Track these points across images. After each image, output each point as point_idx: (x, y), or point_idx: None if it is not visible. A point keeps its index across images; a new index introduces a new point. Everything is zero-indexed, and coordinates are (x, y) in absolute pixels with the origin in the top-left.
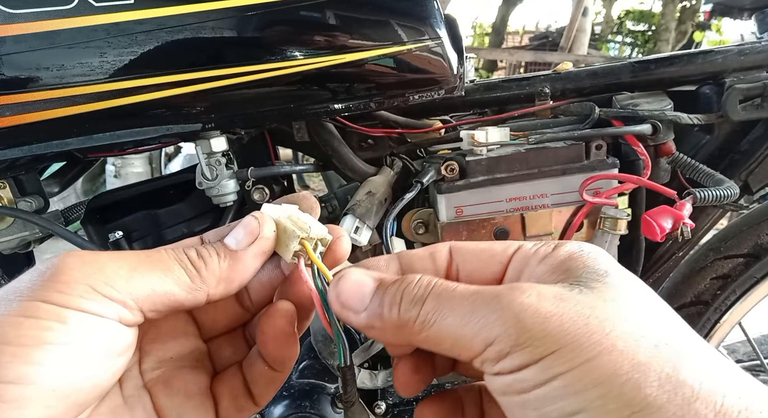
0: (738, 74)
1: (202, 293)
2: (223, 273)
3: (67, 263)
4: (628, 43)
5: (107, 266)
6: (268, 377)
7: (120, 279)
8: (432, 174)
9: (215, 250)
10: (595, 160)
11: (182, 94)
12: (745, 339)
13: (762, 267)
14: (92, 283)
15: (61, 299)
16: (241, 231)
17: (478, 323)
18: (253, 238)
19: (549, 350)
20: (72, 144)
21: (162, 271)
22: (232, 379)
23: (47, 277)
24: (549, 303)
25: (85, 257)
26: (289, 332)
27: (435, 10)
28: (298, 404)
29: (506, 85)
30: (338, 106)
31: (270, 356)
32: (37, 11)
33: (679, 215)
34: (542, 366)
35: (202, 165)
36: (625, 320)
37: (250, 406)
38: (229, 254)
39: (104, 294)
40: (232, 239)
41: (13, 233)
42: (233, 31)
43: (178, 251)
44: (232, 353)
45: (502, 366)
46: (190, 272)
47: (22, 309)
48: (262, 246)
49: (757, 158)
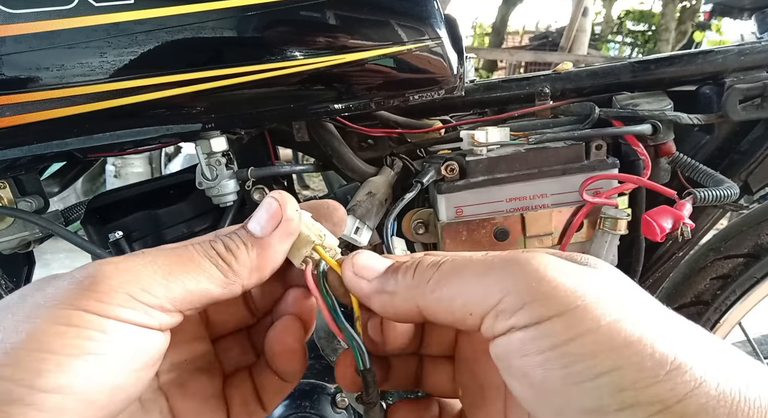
0: (738, 74)
1: (237, 286)
2: (254, 263)
3: (105, 271)
4: (628, 43)
5: (142, 273)
6: (277, 385)
7: (157, 285)
8: (432, 174)
9: (241, 240)
10: (595, 160)
11: (182, 94)
12: (745, 339)
13: (762, 267)
14: (131, 291)
15: (101, 308)
16: (263, 215)
17: (496, 276)
18: (276, 221)
19: (573, 304)
20: (72, 144)
21: (195, 271)
22: (243, 385)
23: (86, 286)
24: (567, 265)
25: (120, 264)
26: (298, 348)
27: (435, 10)
28: (298, 404)
29: (506, 85)
30: (338, 106)
31: (280, 370)
32: (37, 11)
33: (679, 215)
34: (567, 320)
35: (202, 165)
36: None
37: (259, 412)
38: (256, 242)
39: (143, 302)
40: (256, 224)
41: (13, 233)
42: (233, 31)
43: (206, 247)
44: (240, 353)
45: (518, 319)
46: (222, 268)
47: (63, 317)
48: (287, 228)
49: (757, 158)
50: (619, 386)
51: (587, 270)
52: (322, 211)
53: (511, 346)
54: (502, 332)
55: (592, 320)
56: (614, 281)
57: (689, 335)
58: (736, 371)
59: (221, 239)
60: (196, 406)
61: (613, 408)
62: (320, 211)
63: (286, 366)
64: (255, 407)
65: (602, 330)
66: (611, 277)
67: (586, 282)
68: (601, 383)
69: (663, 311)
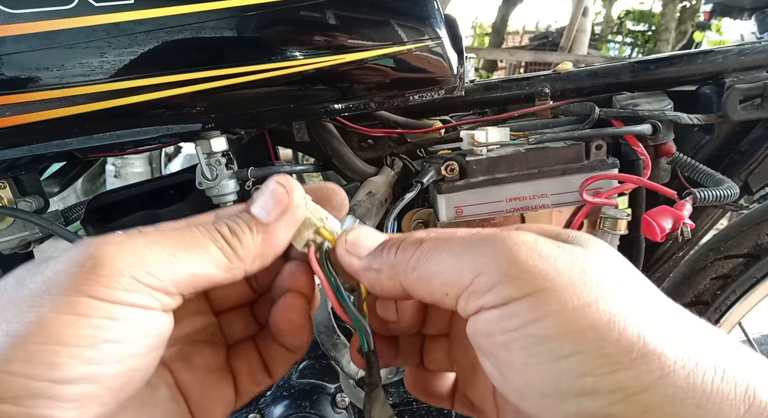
0: (738, 74)
1: (240, 272)
2: (258, 249)
3: (107, 253)
4: (628, 43)
5: (146, 253)
6: (285, 356)
7: (161, 267)
8: (432, 174)
9: (247, 225)
10: (595, 160)
11: (182, 94)
12: (745, 339)
13: (762, 267)
14: (136, 274)
15: (107, 294)
16: (269, 200)
17: (471, 256)
18: (282, 208)
19: (541, 286)
20: (72, 144)
21: (199, 253)
22: (249, 355)
23: (88, 269)
24: (546, 245)
25: (123, 245)
26: (304, 323)
27: (435, 10)
28: (298, 404)
29: (506, 85)
30: (338, 106)
31: (287, 344)
32: (37, 11)
33: (679, 215)
34: (532, 302)
35: (202, 165)
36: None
37: (266, 380)
38: (261, 228)
39: (147, 284)
40: (262, 210)
41: (13, 233)
42: (233, 31)
43: (210, 229)
44: (244, 327)
45: (486, 299)
46: (227, 252)
47: (70, 305)
48: (293, 215)
49: (757, 158)
50: (579, 371)
51: (570, 250)
52: (322, 194)
53: (479, 325)
54: (473, 311)
55: (558, 303)
56: (599, 261)
57: (667, 320)
58: (713, 358)
59: (226, 222)
60: (202, 378)
61: (572, 393)
62: (321, 194)
63: (293, 341)
64: (262, 377)
65: (567, 313)
66: (598, 256)
67: (563, 263)
68: (560, 367)
69: (646, 294)
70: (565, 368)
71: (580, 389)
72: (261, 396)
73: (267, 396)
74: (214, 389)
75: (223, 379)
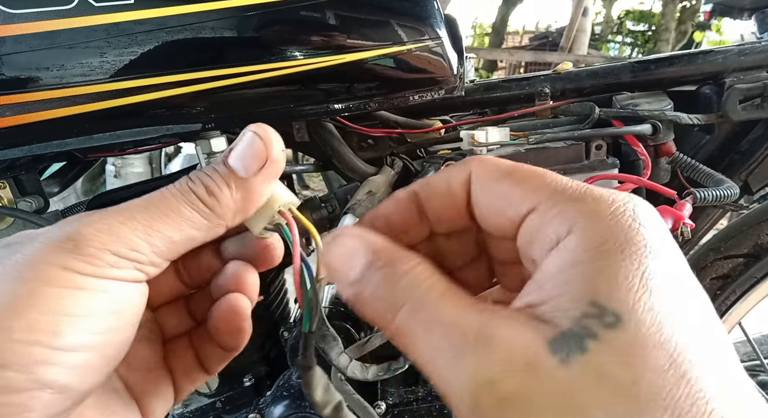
0: (738, 74)
1: (221, 229)
2: (238, 205)
3: (85, 234)
4: (628, 43)
5: (123, 231)
6: (221, 354)
7: (141, 241)
8: (432, 174)
9: (224, 180)
10: (595, 160)
11: (182, 94)
12: (745, 339)
13: (762, 267)
14: (118, 251)
15: (94, 271)
16: (247, 152)
17: (441, 372)
18: (261, 161)
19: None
20: (72, 144)
21: (176, 221)
22: (185, 354)
23: (69, 249)
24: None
25: (98, 224)
26: (244, 326)
27: (435, 10)
28: (298, 404)
29: (506, 85)
30: (338, 106)
31: (224, 343)
32: (37, 11)
33: (679, 215)
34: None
35: (202, 165)
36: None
37: (202, 377)
38: (240, 184)
39: (131, 259)
40: (239, 163)
41: (13, 233)
42: (233, 31)
43: (185, 191)
44: (177, 322)
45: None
46: (205, 213)
47: (63, 280)
48: (273, 170)
49: (757, 158)
50: None
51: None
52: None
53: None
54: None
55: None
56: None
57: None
58: None
59: (201, 179)
60: (141, 377)
61: None
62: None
63: (231, 342)
64: (198, 374)
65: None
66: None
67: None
68: None
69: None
70: None
71: None
72: (261, 396)
73: (267, 396)
74: (153, 386)
75: (162, 377)
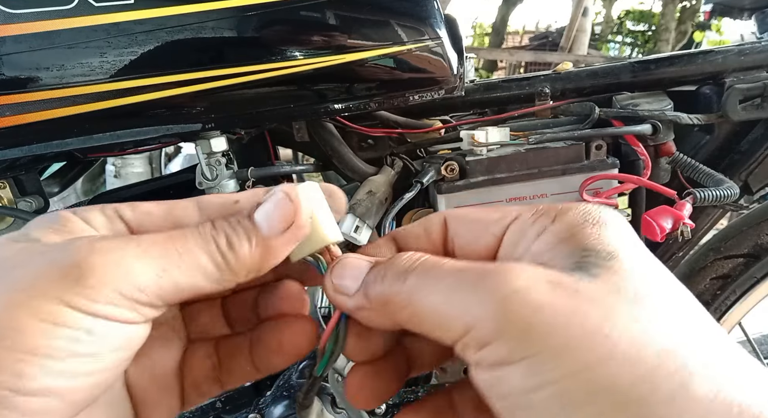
0: (738, 74)
1: (231, 284)
2: (254, 263)
3: (94, 265)
4: (628, 43)
5: (134, 267)
6: (248, 374)
7: (149, 282)
8: (432, 174)
9: (246, 235)
10: (595, 160)
11: (182, 94)
12: (745, 339)
13: (762, 267)
14: (121, 289)
15: (89, 307)
16: (275, 213)
17: (461, 303)
18: (287, 224)
19: (535, 350)
20: (72, 144)
21: (190, 266)
22: (203, 362)
23: (73, 279)
24: (541, 290)
25: (110, 256)
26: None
27: (435, 10)
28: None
29: (506, 85)
30: (338, 106)
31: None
32: (37, 11)
33: (679, 215)
34: (528, 369)
35: (202, 165)
36: (628, 318)
37: (214, 390)
38: (261, 242)
39: (133, 298)
40: (265, 221)
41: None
42: (233, 31)
43: (207, 239)
44: (208, 321)
45: (482, 356)
46: (220, 265)
47: (48, 314)
48: (296, 234)
49: (757, 158)
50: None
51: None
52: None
53: (480, 378)
54: (469, 362)
55: (555, 370)
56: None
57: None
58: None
59: (225, 230)
60: (147, 383)
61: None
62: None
63: (280, 364)
64: (211, 387)
65: (566, 382)
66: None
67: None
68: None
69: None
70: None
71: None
72: (261, 396)
73: (267, 396)
74: (158, 394)
75: (170, 384)
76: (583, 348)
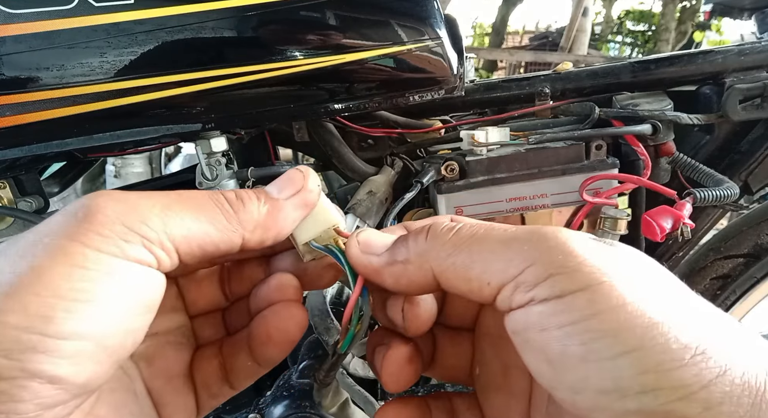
0: (738, 74)
1: (237, 235)
2: (261, 218)
3: (99, 203)
4: (628, 43)
5: (139, 204)
6: (251, 370)
7: (154, 217)
8: (432, 174)
9: (255, 193)
10: (595, 160)
11: (182, 94)
12: None
13: (762, 267)
14: (128, 222)
15: (101, 242)
16: (284, 179)
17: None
18: (295, 189)
19: (599, 279)
20: (72, 144)
21: (196, 209)
22: (210, 364)
23: (80, 218)
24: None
25: (115, 195)
26: (297, 338)
27: (435, 10)
28: (298, 404)
29: (506, 85)
30: (338, 106)
31: (265, 356)
32: (37, 11)
33: (679, 214)
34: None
35: (202, 165)
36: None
37: (226, 391)
38: (269, 200)
39: (141, 234)
40: (274, 187)
41: (13, 233)
42: (233, 31)
43: (214, 192)
44: (213, 333)
45: (539, 291)
46: (227, 212)
47: (66, 255)
48: (304, 198)
49: (757, 158)
50: (641, 367)
51: (611, 249)
52: None
53: (529, 319)
54: (520, 304)
55: (616, 298)
56: (638, 262)
57: (714, 322)
58: (761, 360)
59: (234, 190)
60: (162, 384)
61: (633, 390)
62: None
63: (275, 354)
64: (221, 388)
65: (627, 308)
66: (635, 257)
67: (611, 260)
68: (622, 363)
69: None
70: (627, 363)
71: (642, 386)
72: (261, 396)
73: (267, 396)
74: (175, 396)
75: (184, 387)
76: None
